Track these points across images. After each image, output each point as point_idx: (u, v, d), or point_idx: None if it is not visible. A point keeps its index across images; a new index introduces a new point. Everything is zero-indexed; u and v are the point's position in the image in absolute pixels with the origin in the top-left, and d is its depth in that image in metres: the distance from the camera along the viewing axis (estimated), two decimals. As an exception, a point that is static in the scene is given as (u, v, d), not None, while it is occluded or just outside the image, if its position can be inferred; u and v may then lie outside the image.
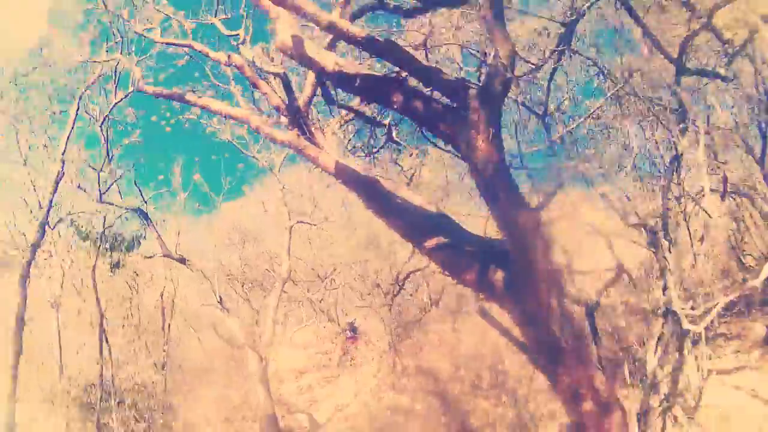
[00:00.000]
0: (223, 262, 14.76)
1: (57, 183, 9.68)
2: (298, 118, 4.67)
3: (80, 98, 9.78)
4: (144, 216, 10.65)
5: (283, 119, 5.02)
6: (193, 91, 6.09)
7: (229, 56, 5.64)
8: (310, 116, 4.91)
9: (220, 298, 10.48)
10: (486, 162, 3.34)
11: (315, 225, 12.53)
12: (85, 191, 10.14)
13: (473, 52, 5.78)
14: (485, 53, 5.32)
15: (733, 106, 7.43)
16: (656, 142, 6.74)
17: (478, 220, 5.13)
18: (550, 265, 3.51)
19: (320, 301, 15.26)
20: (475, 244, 3.97)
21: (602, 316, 6.87)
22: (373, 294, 11.51)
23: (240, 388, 11.39)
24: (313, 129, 4.66)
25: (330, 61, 3.72)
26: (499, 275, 3.64)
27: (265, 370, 9.77)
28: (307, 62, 3.85)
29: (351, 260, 12.83)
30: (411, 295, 11.61)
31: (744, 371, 7.53)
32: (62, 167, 9.68)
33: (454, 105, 3.50)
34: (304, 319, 14.68)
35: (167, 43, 6.75)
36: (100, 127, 9.30)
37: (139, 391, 10.03)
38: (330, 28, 3.44)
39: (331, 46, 4.49)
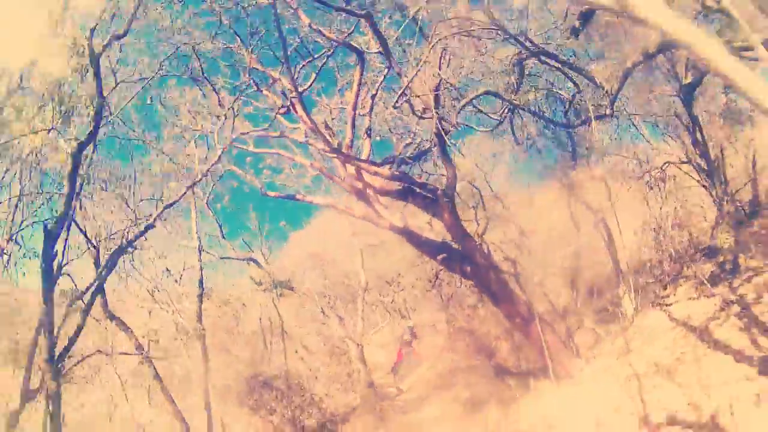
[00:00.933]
0: (309, 284, 19.58)
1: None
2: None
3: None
4: (256, 262, 15.53)
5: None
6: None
7: (311, 164, 10.13)
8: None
9: (322, 309, 15.33)
10: (448, 221, 7.92)
11: (376, 244, 17.13)
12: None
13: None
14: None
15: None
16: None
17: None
18: (487, 260, 7.98)
19: (392, 302, 19.72)
20: (458, 253, 8.49)
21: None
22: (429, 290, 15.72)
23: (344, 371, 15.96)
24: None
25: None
26: (467, 267, 8.15)
27: (361, 352, 14.50)
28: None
29: (408, 266, 17.23)
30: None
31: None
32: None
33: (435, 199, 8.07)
34: (380, 322, 19.23)
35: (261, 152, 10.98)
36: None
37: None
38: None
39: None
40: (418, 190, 8.18)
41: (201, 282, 12.31)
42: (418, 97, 7.39)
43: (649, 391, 5.33)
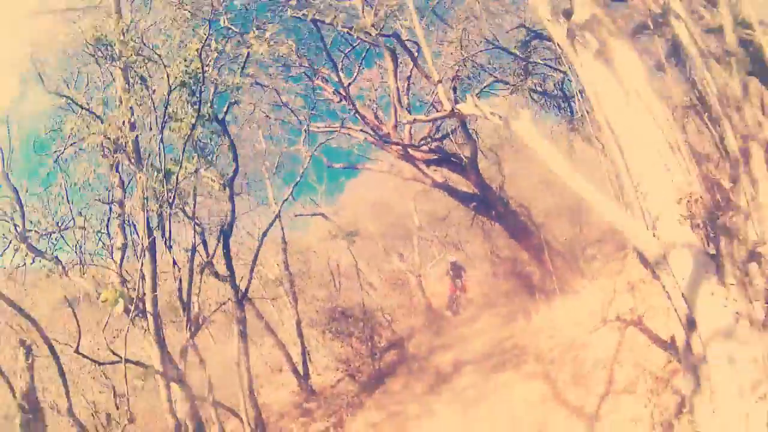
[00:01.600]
0: (370, 227, 22.45)
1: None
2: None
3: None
4: (324, 216, 18.42)
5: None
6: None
7: (365, 138, 12.68)
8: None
9: (384, 248, 18.19)
10: (474, 180, 10.28)
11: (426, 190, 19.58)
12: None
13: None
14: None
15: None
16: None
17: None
18: (506, 207, 10.34)
19: (445, 236, 22.33)
20: (485, 203, 10.87)
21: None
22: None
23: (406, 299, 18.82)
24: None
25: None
26: (493, 212, 10.56)
27: (420, 282, 17.37)
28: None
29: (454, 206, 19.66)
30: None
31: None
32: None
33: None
34: (436, 255, 21.99)
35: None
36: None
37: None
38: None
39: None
40: (451, 159, 10.55)
41: (283, 237, 15.28)
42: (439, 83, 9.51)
43: (617, 300, 7.72)
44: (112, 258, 8.47)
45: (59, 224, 8.14)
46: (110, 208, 8.68)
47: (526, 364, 7.98)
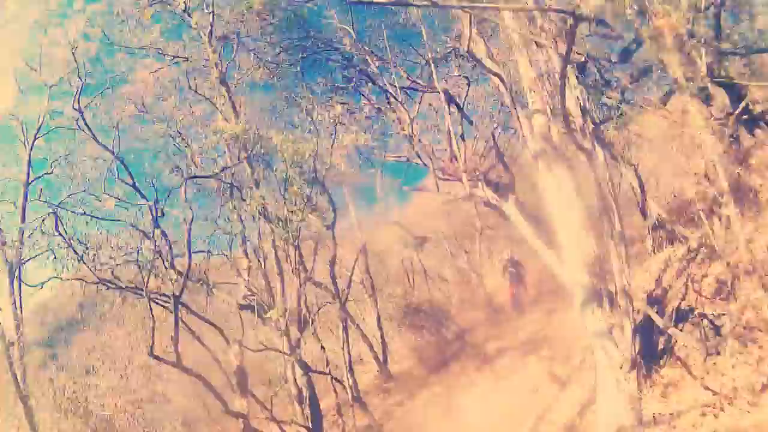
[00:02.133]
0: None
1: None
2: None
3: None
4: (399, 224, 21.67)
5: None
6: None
7: (422, 164, 15.80)
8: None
9: (450, 251, 21.17)
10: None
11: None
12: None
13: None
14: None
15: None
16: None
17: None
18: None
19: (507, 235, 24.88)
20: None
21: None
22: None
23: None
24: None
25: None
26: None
27: (481, 279, 20.21)
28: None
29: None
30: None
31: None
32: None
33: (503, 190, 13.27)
34: (497, 254, 24.67)
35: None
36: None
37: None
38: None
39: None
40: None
41: (364, 247, 18.70)
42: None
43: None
44: (240, 276, 12.22)
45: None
46: (233, 239, 12.38)
47: (546, 350, 10.82)
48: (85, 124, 11.62)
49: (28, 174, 13.96)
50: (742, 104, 6.22)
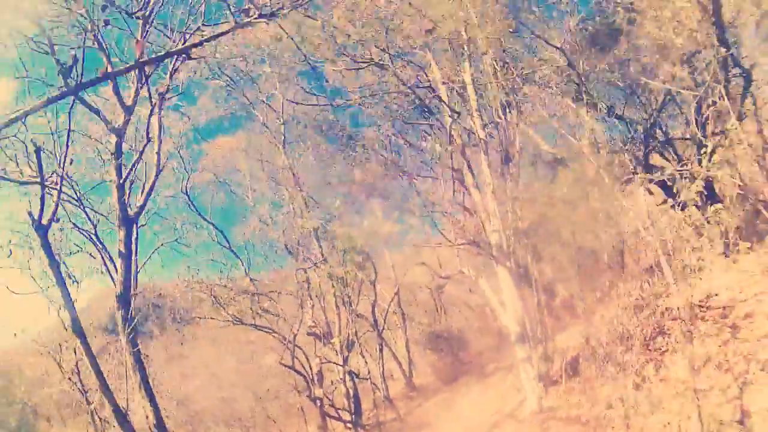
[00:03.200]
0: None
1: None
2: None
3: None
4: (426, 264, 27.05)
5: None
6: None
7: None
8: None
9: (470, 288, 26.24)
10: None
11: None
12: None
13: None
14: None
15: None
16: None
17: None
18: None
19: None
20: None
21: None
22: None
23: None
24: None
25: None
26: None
27: (492, 312, 25.20)
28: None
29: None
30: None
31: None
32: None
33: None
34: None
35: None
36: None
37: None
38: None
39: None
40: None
41: (398, 289, 24.02)
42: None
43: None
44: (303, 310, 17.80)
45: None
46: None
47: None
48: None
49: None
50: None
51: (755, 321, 9.77)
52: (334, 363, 15.57)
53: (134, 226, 10.40)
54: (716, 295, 11.36)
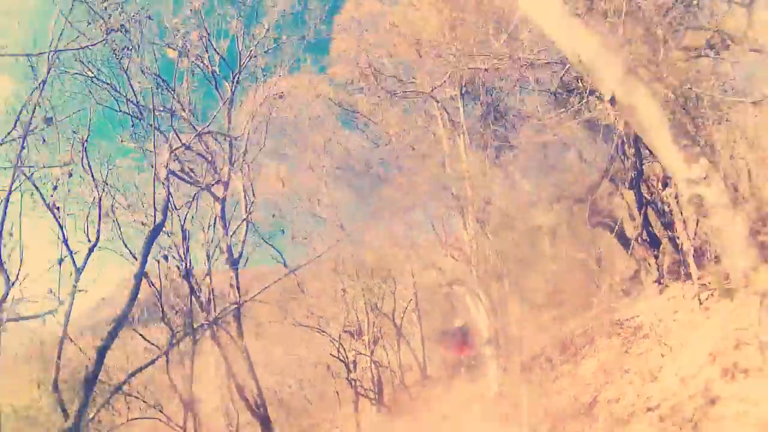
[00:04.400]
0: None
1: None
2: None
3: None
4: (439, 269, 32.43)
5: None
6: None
7: None
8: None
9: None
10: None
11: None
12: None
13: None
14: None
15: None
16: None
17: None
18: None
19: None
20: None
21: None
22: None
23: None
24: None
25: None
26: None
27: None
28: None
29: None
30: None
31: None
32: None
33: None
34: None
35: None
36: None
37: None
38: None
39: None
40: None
41: (416, 294, 29.39)
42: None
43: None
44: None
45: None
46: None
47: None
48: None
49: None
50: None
51: (648, 339, 14.82)
52: (364, 354, 21.15)
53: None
54: (637, 316, 16.43)
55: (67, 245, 12.88)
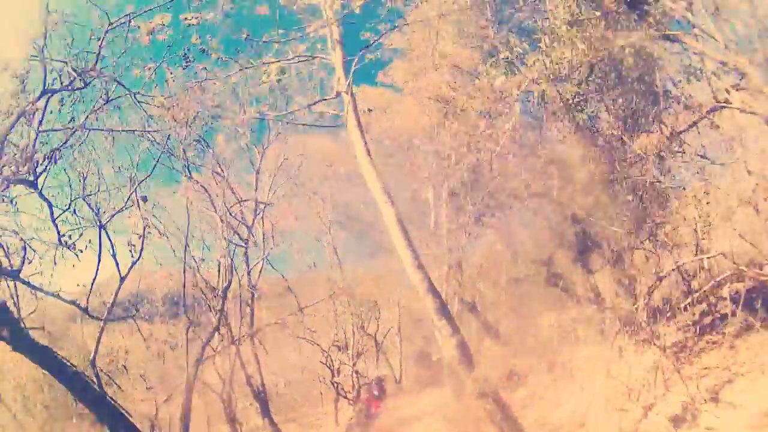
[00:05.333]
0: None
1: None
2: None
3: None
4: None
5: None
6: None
7: None
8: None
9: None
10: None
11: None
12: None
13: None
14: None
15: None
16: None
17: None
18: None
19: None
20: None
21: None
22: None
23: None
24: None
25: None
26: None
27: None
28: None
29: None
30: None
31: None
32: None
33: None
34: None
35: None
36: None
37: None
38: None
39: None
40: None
41: (399, 321, 33.64)
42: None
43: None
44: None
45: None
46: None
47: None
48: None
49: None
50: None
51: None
52: (347, 365, 25.51)
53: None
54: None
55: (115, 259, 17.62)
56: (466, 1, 17.15)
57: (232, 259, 20.92)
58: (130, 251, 17.17)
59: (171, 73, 14.56)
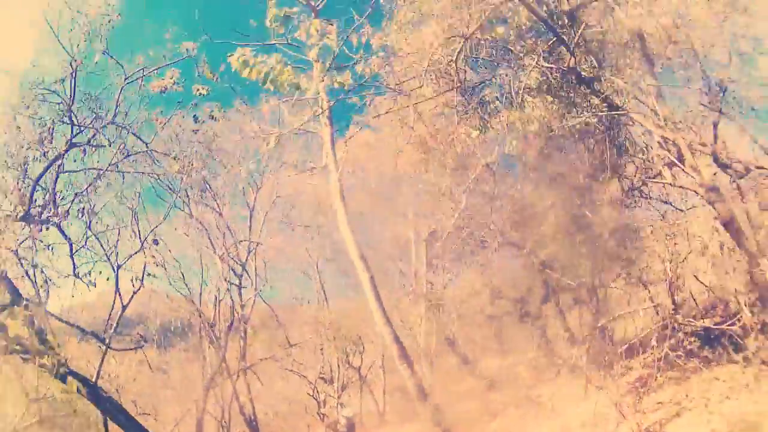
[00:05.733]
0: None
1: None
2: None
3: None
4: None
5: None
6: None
7: None
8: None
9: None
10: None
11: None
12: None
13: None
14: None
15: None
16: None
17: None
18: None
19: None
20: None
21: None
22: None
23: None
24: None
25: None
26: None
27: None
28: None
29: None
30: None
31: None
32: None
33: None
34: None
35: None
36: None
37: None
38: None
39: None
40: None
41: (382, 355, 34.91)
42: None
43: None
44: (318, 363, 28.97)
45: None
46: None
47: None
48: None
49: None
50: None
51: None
52: (332, 396, 26.71)
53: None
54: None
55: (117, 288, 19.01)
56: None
57: (232, 299, 22.48)
58: (132, 283, 18.55)
59: (181, 127, 16.30)
